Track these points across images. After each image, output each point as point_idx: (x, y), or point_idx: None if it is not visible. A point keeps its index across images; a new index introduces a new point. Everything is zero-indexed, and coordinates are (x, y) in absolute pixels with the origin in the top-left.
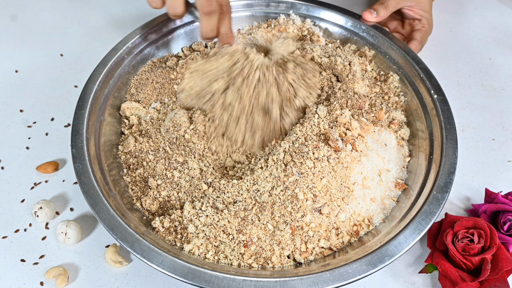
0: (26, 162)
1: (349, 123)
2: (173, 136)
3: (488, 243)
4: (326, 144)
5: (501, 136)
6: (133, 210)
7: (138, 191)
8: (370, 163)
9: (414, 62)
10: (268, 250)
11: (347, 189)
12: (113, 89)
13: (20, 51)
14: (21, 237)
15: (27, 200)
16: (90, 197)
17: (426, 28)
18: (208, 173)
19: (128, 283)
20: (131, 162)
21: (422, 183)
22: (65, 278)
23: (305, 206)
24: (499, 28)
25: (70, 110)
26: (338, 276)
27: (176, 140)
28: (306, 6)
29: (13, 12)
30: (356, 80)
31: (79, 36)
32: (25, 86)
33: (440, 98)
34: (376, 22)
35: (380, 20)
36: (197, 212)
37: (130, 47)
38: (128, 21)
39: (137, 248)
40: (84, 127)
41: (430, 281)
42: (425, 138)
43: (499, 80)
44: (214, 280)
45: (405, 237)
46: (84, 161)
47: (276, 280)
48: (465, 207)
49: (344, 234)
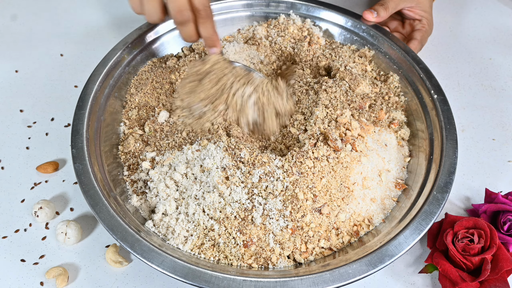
0: (26, 162)
1: (349, 123)
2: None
3: (488, 243)
4: (325, 143)
5: (501, 136)
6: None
7: (138, 191)
8: (370, 163)
9: (414, 62)
10: (268, 250)
11: (347, 189)
12: (113, 89)
13: (20, 51)
14: (21, 237)
15: (27, 200)
16: (90, 197)
17: (426, 28)
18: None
19: (128, 283)
20: (131, 162)
21: (422, 183)
22: (65, 278)
23: (305, 206)
24: (499, 28)
25: (70, 110)
26: (338, 276)
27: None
28: (306, 6)
29: (13, 12)
30: (359, 80)
31: (79, 36)
32: (25, 86)
33: (440, 98)
34: (376, 22)
35: (380, 21)
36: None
37: (130, 47)
38: (128, 21)
39: (137, 248)
40: (84, 127)
41: (430, 281)
42: (425, 138)
43: (499, 80)
44: (214, 280)
45: (405, 237)
46: (84, 161)
47: (276, 280)
48: (465, 207)
49: (344, 234)
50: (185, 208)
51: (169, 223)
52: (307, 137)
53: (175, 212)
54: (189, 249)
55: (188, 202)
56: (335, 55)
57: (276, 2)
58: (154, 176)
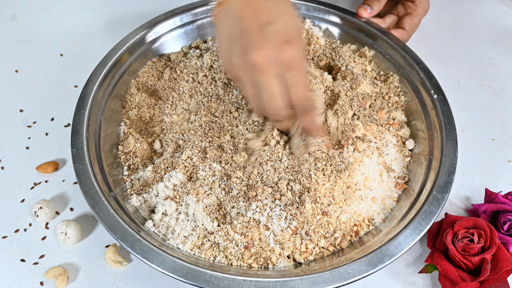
0: (26, 162)
1: (354, 125)
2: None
3: (488, 243)
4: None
5: (501, 136)
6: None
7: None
8: (371, 163)
9: (414, 62)
10: (268, 250)
11: (349, 190)
12: (113, 89)
13: (20, 51)
14: (21, 237)
15: (27, 200)
16: (90, 197)
17: (419, 11)
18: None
19: (128, 283)
20: (131, 162)
21: (422, 183)
22: (65, 278)
23: (308, 208)
24: (499, 28)
25: (70, 110)
26: (338, 276)
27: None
28: (306, 6)
29: (13, 12)
30: (360, 80)
31: (79, 36)
32: (25, 86)
33: (440, 98)
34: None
35: (375, 14)
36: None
37: (130, 47)
38: (128, 21)
39: (137, 248)
40: (84, 127)
41: (430, 281)
42: (425, 138)
43: (499, 80)
44: (214, 280)
45: (405, 237)
46: (84, 161)
47: (276, 280)
48: (465, 207)
49: (345, 234)
50: (185, 208)
51: (169, 223)
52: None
53: (175, 212)
54: (189, 249)
55: (188, 202)
56: (335, 55)
57: None
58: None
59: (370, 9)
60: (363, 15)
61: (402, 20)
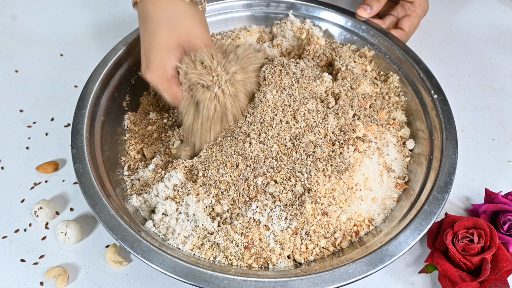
0: (26, 162)
1: (355, 125)
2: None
3: (488, 243)
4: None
5: (501, 136)
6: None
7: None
8: (372, 163)
9: (414, 62)
10: (268, 250)
11: (350, 190)
12: (113, 89)
13: (20, 51)
14: (21, 237)
15: (27, 200)
16: (90, 197)
17: (418, 12)
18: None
19: (128, 283)
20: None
21: (422, 183)
22: (65, 278)
23: (308, 209)
24: (499, 28)
25: (70, 110)
26: (338, 276)
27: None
28: (306, 6)
29: (13, 12)
30: (361, 81)
31: (79, 36)
32: (25, 86)
33: (440, 98)
34: (371, 17)
35: (374, 15)
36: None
37: (130, 47)
38: (128, 21)
39: (137, 248)
40: (84, 127)
41: (430, 281)
42: (425, 138)
43: (499, 80)
44: (214, 280)
45: (405, 237)
46: (84, 161)
47: (276, 280)
48: (465, 207)
49: (345, 234)
50: (185, 209)
51: (169, 223)
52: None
53: (175, 213)
54: (189, 249)
55: (188, 202)
56: (336, 55)
57: (276, 2)
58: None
59: (370, 9)
60: (362, 15)
61: (401, 21)
